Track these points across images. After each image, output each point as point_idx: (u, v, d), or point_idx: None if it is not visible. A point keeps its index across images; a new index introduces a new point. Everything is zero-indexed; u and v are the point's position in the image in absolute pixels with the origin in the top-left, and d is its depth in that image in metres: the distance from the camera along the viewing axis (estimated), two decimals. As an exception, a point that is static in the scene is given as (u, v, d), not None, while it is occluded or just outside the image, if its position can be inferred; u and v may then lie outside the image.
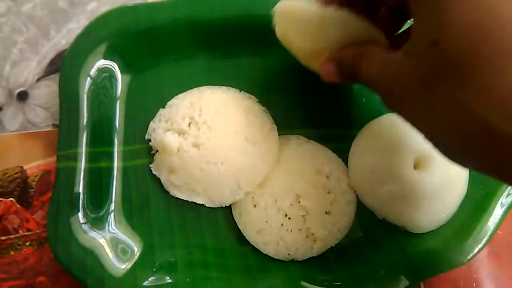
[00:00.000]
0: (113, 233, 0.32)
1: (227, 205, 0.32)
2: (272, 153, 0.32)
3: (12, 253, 0.34)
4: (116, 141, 0.34)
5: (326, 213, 0.32)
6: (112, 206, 0.33)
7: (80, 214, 0.31)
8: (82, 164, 0.32)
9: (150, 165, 0.33)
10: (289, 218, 0.31)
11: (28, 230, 0.34)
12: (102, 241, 0.31)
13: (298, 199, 0.31)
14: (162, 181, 0.33)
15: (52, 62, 0.37)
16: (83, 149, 0.32)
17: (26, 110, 0.36)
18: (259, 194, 0.32)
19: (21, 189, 0.35)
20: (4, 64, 0.37)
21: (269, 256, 0.32)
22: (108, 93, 0.34)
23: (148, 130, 0.34)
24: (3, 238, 0.34)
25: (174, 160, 0.32)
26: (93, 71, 0.34)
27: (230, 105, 0.33)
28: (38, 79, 0.37)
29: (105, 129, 0.34)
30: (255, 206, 0.32)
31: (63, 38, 0.37)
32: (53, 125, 0.36)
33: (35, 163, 0.35)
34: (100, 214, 0.32)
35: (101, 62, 0.34)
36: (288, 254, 0.32)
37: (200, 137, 0.31)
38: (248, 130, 0.32)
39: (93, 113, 0.33)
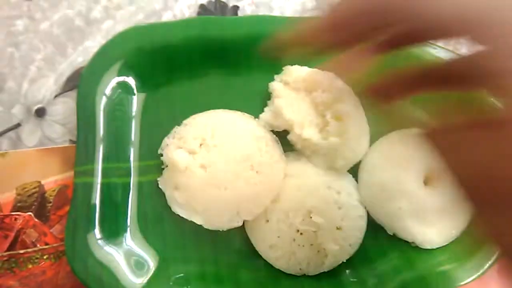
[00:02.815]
0: (129, 247, 0.33)
1: (224, 230, 0.33)
2: (275, 185, 0.33)
3: (30, 266, 0.35)
4: (131, 157, 0.35)
5: (337, 228, 0.32)
6: (128, 221, 0.34)
7: (97, 229, 0.32)
8: (99, 179, 0.33)
9: (158, 179, 0.34)
10: (301, 234, 0.32)
11: (46, 243, 0.35)
12: (118, 256, 0.32)
13: (310, 215, 0.32)
14: (166, 195, 0.34)
15: (69, 79, 0.38)
16: (99, 165, 0.34)
17: (44, 126, 0.37)
18: (271, 209, 0.33)
19: (39, 203, 0.36)
20: (22, 82, 0.38)
21: (281, 271, 0.33)
22: (124, 110, 0.35)
23: (162, 145, 0.35)
24: (21, 251, 0.35)
25: (180, 178, 0.32)
26: (109, 89, 0.35)
27: (242, 132, 0.34)
28: (56, 96, 0.38)
29: (121, 145, 0.35)
30: (267, 221, 0.33)
31: (80, 55, 0.39)
32: (70, 140, 0.37)
33: (52, 178, 0.36)
34: (116, 229, 0.33)
35: (117, 80, 0.35)
36: (300, 269, 0.33)
37: (208, 160, 0.32)
38: (255, 159, 0.32)
39: (109, 130, 0.34)
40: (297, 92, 0.35)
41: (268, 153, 0.33)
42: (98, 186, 0.33)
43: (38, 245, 0.35)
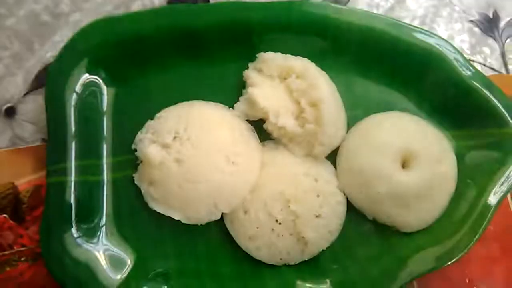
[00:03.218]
0: (106, 245, 0.32)
1: (203, 223, 0.32)
2: (252, 175, 0.33)
3: (7, 269, 0.34)
4: (104, 153, 0.34)
5: (316, 216, 0.32)
6: (104, 219, 0.33)
7: (73, 228, 0.32)
8: (72, 178, 0.33)
9: (133, 175, 0.34)
10: (280, 223, 0.32)
11: (23, 245, 0.34)
12: (95, 254, 0.32)
13: (288, 204, 0.32)
14: (142, 192, 0.33)
15: (38, 76, 0.37)
16: (72, 163, 0.33)
17: (14, 125, 0.36)
18: (249, 200, 0.32)
19: (13, 205, 0.35)
20: None
21: (262, 262, 0.33)
22: (94, 106, 0.35)
23: (135, 140, 0.34)
24: (-2, 254, 0.34)
25: (155, 173, 0.32)
26: (78, 85, 0.34)
27: (216, 123, 0.33)
28: (25, 94, 0.37)
29: (93, 142, 0.34)
30: (246, 212, 0.32)
31: (48, 51, 0.38)
32: (42, 139, 0.36)
33: (26, 179, 0.35)
34: (92, 227, 0.33)
35: (86, 76, 0.34)
36: (280, 258, 0.32)
37: (183, 153, 0.31)
38: (230, 149, 0.32)
39: (81, 127, 0.33)
40: (271, 80, 0.34)
41: (244, 143, 0.33)
42: (72, 185, 0.32)
43: (15, 247, 0.34)
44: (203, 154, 0.31)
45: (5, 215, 0.35)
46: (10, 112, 0.37)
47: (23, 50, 0.38)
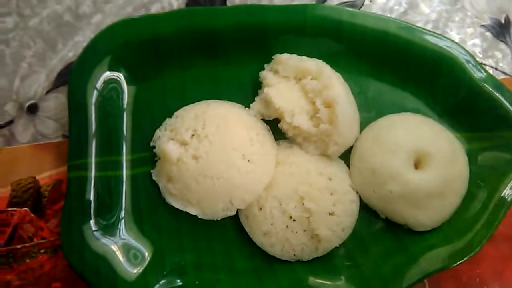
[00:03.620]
0: (124, 239, 0.33)
1: (218, 219, 0.33)
2: (267, 173, 0.33)
3: (27, 260, 0.35)
4: (124, 149, 0.35)
5: (329, 214, 0.33)
6: (123, 213, 0.34)
7: (92, 222, 0.33)
8: (92, 173, 0.34)
9: (151, 171, 0.35)
10: (294, 220, 0.32)
11: (43, 238, 0.35)
12: (114, 247, 0.33)
13: (302, 201, 0.32)
14: (160, 187, 0.34)
15: (60, 75, 0.38)
16: (92, 158, 0.34)
17: (37, 122, 0.38)
18: (264, 197, 0.33)
19: (34, 199, 0.36)
20: (14, 78, 0.38)
21: (276, 257, 0.33)
22: (114, 103, 0.36)
23: (154, 137, 0.35)
24: (18, 246, 0.35)
25: (173, 169, 0.33)
26: (99, 83, 0.35)
27: (233, 121, 0.34)
28: (47, 92, 0.38)
29: (113, 139, 0.35)
30: (261, 209, 0.33)
31: (70, 51, 0.39)
32: (63, 135, 0.37)
33: (47, 173, 0.37)
34: (111, 221, 0.33)
35: (107, 74, 0.35)
36: (294, 255, 0.33)
37: (200, 150, 0.32)
38: (246, 148, 0.33)
39: (101, 124, 0.34)
40: (287, 80, 0.35)
41: (259, 142, 0.33)
42: (92, 180, 0.33)
43: (35, 240, 0.35)
44: (220, 152, 0.32)
45: (26, 208, 0.36)
46: (33, 109, 0.38)
47: (46, 50, 0.39)
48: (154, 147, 0.35)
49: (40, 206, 0.36)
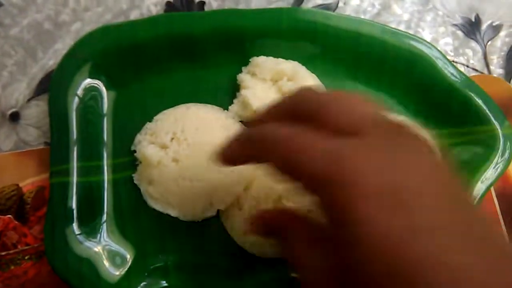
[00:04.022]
0: (107, 242, 0.33)
1: (199, 220, 0.34)
2: (246, 173, 0.34)
3: (12, 267, 0.35)
4: (105, 155, 0.36)
5: (308, 211, 0.33)
6: (104, 217, 0.34)
7: (75, 226, 0.33)
8: (74, 178, 0.34)
9: (133, 175, 0.35)
10: None
11: (27, 244, 0.36)
12: (97, 250, 0.33)
13: (281, 200, 0.33)
14: (141, 191, 0.34)
15: (41, 83, 0.39)
16: (74, 164, 0.34)
17: (19, 130, 0.38)
18: (244, 197, 0.34)
19: (17, 206, 0.36)
20: None
21: (257, 256, 0.34)
22: (95, 109, 0.36)
23: (134, 142, 0.35)
24: (3, 253, 0.35)
25: (154, 173, 0.33)
26: (79, 90, 0.35)
27: (211, 124, 0.34)
28: (29, 100, 0.38)
29: (94, 144, 0.35)
30: (240, 209, 0.33)
31: (50, 59, 0.39)
32: (45, 143, 0.37)
33: (29, 180, 0.37)
34: (94, 225, 0.34)
35: (87, 81, 0.36)
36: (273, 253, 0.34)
37: (180, 153, 0.33)
38: None
39: (82, 130, 0.35)
40: (263, 82, 0.36)
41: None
42: (74, 185, 0.34)
43: (19, 247, 0.36)
44: (199, 154, 0.33)
45: (9, 216, 0.36)
46: (15, 117, 0.38)
47: (26, 58, 0.39)
48: (135, 151, 0.35)
49: (24, 213, 0.36)
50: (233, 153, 0.24)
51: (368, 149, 0.18)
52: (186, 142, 0.33)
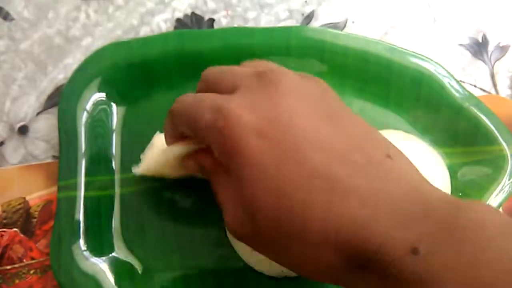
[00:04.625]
0: (114, 258, 0.33)
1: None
2: None
3: (17, 281, 0.35)
4: (113, 169, 0.36)
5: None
6: (112, 232, 0.34)
7: (81, 241, 0.33)
8: (82, 193, 0.34)
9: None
10: None
11: (32, 258, 0.36)
12: (103, 266, 0.32)
13: None
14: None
15: (51, 97, 0.39)
16: (82, 179, 0.34)
17: (27, 143, 0.38)
18: None
19: (24, 219, 0.36)
20: (4, 100, 0.39)
21: (264, 274, 0.33)
22: (104, 124, 0.36)
23: (141, 162, 0.34)
24: (8, 267, 0.35)
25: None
26: (89, 105, 0.35)
27: None
28: (38, 113, 0.39)
29: (103, 159, 0.35)
30: None
31: (60, 73, 0.39)
32: (53, 156, 0.37)
33: (37, 194, 0.37)
34: (100, 241, 0.33)
35: (97, 96, 0.36)
36: (282, 271, 0.33)
37: None
38: None
39: (91, 144, 0.35)
40: None
41: None
42: (81, 200, 0.34)
43: (25, 260, 0.36)
44: None
45: (15, 229, 0.36)
46: (24, 130, 0.38)
47: (36, 72, 0.39)
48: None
49: (30, 226, 0.36)
50: (167, 133, 0.29)
51: (244, 96, 0.22)
52: None
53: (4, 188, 0.37)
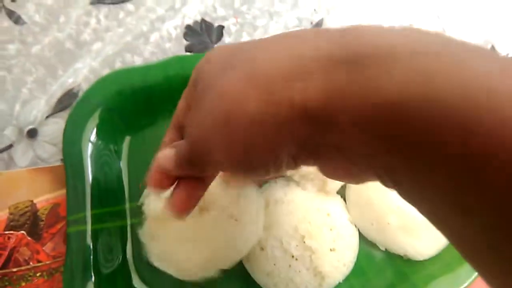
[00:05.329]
0: None
1: (197, 280, 0.32)
2: (254, 233, 0.32)
3: (23, 284, 0.35)
4: (122, 199, 0.35)
5: (331, 250, 0.32)
6: (124, 263, 0.33)
7: (95, 275, 0.32)
8: (92, 226, 0.33)
9: (138, 231, 0.33)
10: (296, 259, 0.32)
11: (39, 261, 0.36)
12: None
13: (303, 240, 0.32)
14: (146, 247, 0.33)
15: (60, 101, 0.38)
16: (90, 212, 0.33)
17: (36, 146, 0.38)
18: (265, 237, 0.32)
19: (31, 222, 0.36)
20: (14, 103, 0.38)
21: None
22: (110, 154, 0.35)
23: (143, 195, 0.34)
24: (14, 270, 0.35)
25: (159, 230, 0.32)
26: (93, 135, 0.35)
27: (221, 181, 0.32)
28: (47, 117, 0.38)
29: (111, 190, 0.35)
30: (262, 249, 0.32)
31: (70, 77, 0.39)
32: (61, 160, 0.37)
33: (44, 197, 0.37)
34: (113, 272, 0.33)
35: (101, 125, 0.35)
36: None
37: None
38: (235, 207, 0.32)
39: (98, 176, 0.34)
40: None
41: (249, 200, 0.32)
42: (92, 233, 0.33)
43: (31, 263, 0.35)
44: (207, 214, 0.31)
45: (23, 232, 0.36)
46: (33, 134, 0.38)
47: (46, 76, 0.39)
48: (143, 204, 0.34)
49: (37, 229, 0.36)
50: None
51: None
52: None
53: (12, 190, 0.37)
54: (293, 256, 0.32)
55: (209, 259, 0.31)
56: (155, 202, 0.32)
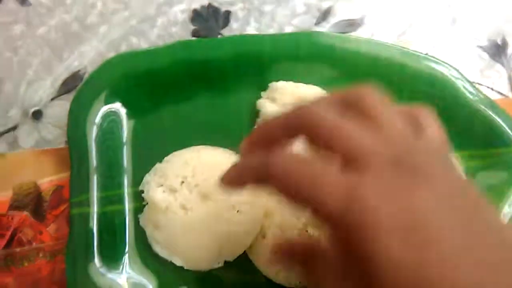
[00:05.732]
0: (129, 273, 0.33)
1: (204, 269, 0.32)
2: (256, 223, 0.32)
3: (26, 264, 0.35)
4: (125, 183, 0.35)
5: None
6: (127, 247, 0.33)
7: (96, 259, 0.32)
8: (95, 209, 0.33)
9: (139, 216, 0.34)
10: None
11: (42, 242, 0.35)
12: (119, 281, 0.32)
13: (306, 228, 0.31)
14: (146, 234, 0.33)
15: (65, 83, 0.38)
16: (94, 194, 0.33)
17: (41, 128, 0.38)
18: (267, 225, 0.32)
19: (35, 203, 0.36)
20: (19, 85, 0.38)
21: (282, 285, 0.32)
22: (114, 138, 0.35)
23: (143, 181, 0.34)
24: (17, 250, 0.36)
25: (161, 218, 0.32)
26: (98, 118, 0.35)
27: (223, 169, 0.33)
28: (52, 99, 0.38)
29: (115, 173, 0.35)
30: (264, 237, 0.32)
31: (76, 60, 0.39)
32: (66, 142, 0.37)
33: (48, 179, 0.36)
34: (115, 256, 0.33)
35: (105, 108, 0.35)
36: (300, 282, 0.32)
37: (190, 201, 0.31)
38: (236, 198, 0.31)
39: (102, 159, 0.34)
40: (284, 108, 0.36)
41: (250, 190, 0.33)
42: (95, 215, 0.33)
43: (34, 244, 0.36)
44: (210, 203, 0.32)
45: (26, 213, 0.36)
46: (37, 115, 0.38)
47: (52, 58, 0.39)
48: (142, 191, 0.34)
49: (41, 210, 0.36)
50: (239, 179, 0.23)
51: (377, 182, 0.18)
52: (196, 190, 0.32)
53: (17, 171, 0.37)
54: None
55: (216, 250, 0.32)
56: (158, 191, 0.32)
